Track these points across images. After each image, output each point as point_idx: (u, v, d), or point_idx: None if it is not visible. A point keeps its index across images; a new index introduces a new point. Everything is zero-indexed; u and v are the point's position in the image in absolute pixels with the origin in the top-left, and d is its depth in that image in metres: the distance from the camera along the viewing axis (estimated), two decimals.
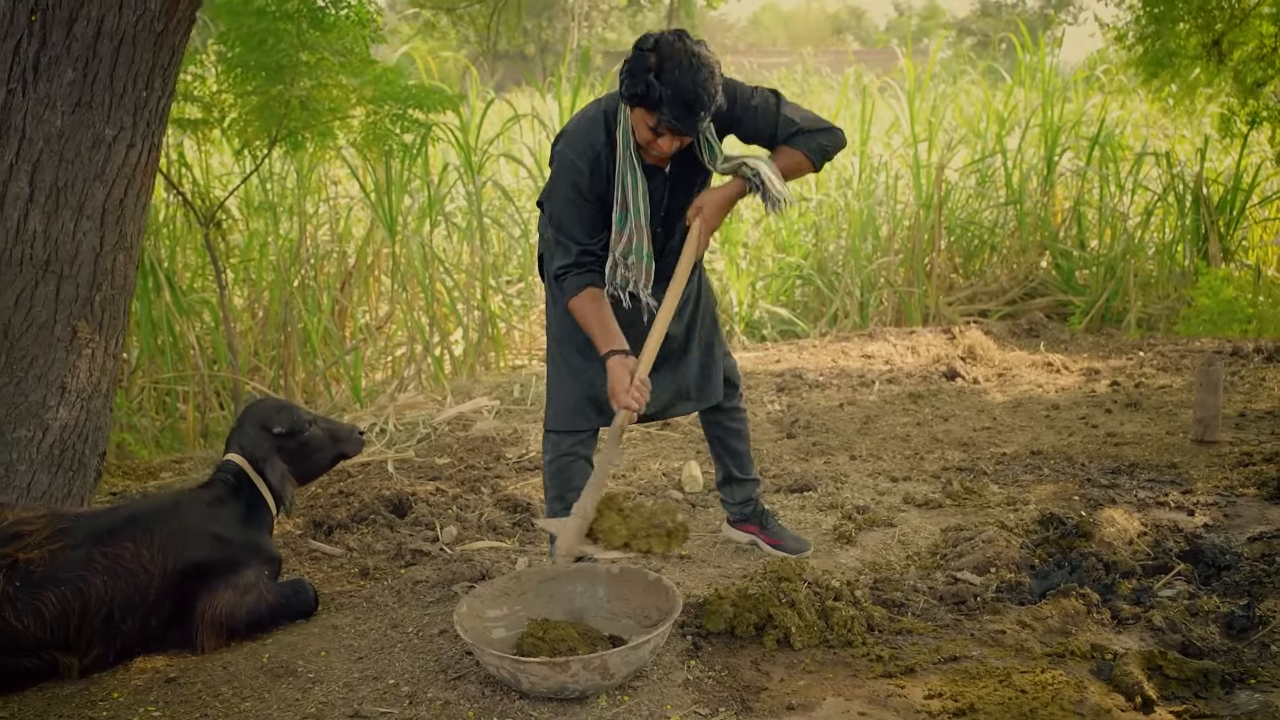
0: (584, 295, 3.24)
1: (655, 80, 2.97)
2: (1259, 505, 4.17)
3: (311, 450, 3.61)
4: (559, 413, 3.53)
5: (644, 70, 2.99)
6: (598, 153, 3.21)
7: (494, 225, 9.13)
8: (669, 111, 3.00)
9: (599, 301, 3.25)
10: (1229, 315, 8.49)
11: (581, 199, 3.23)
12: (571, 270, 3.26)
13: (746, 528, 3.94)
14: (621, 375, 3.15)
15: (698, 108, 3.00)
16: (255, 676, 3.06)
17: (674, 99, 2.98)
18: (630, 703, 2.87)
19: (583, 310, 3.25)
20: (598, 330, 3.23)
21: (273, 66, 6.30)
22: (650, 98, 3.00)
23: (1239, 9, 9.04)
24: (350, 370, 7.97)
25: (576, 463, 3.52)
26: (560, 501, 3.51)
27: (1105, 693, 2.83)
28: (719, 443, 3.83)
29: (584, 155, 3.20)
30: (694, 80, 2.97)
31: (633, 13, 32.96)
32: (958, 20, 46.04)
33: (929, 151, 10.51)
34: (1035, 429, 5.43)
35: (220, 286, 6.89)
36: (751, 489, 3.89)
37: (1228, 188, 10.03)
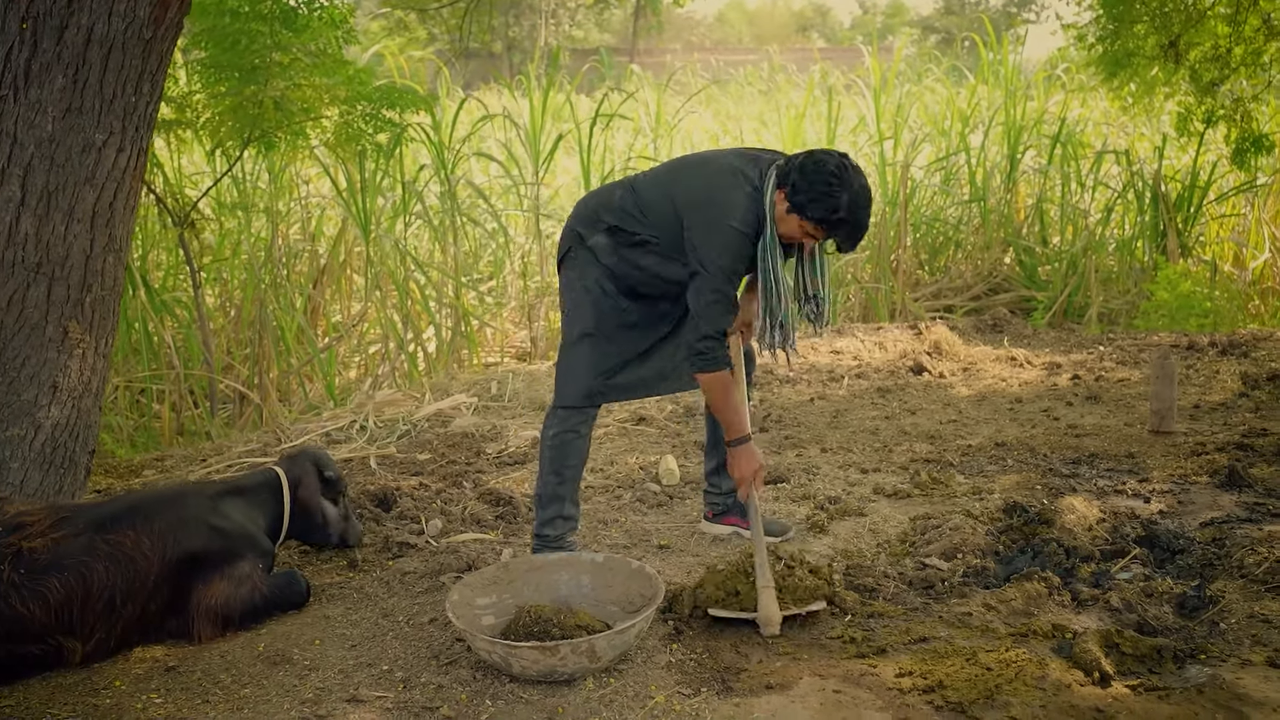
0: (727, 374, 3.55)
1: (848, 216, 3.34)
2: (1211, 492, 4.35)
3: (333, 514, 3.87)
4: (576, 390, 3.71)
5: (837, 203, 3.33)
6: (759, 226, 3.47)
7: (467, 223, 9.20)
8: (843, 239, 3.41)
9: (732, 385, 3.58)
10: (1186, 309, 8.72)
11: (744, 266, 3.54)
12: (721, 338, 3.52)
13: (728, 520, 4.09)
14: (752, 459, 3.58)
15: (862, 235, 3.45)
16: (253, 664, 3.17)
17: (853, 232, 3.39)
18: (616, 684, 3.00)
19: (723, 388, 3.55)
20: (733, 413, 3.58)
21: (246, 67, 6.36)
22: (837, 228, 3.38)
23: (1195, 10, 9.25)
24: (324, 368, 8.04)
25: (578, 440, 3.73)
26: (557, 475, 3.72)
27: (1066, 669, 2.99)
28: (715, 432, 3.99)
29: (751, 226, 3.46)
30: (868, 214, 3.39)
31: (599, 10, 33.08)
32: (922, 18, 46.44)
33: (894, 150, 10.68)
34: (999, 421, 5.60)
35: (195, 286, 6.95)
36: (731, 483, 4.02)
37: (1185, 185, 10.26)
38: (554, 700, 2.92)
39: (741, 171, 3.49)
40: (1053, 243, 10.70)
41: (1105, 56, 9.57)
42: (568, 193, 11.36)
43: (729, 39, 44.46)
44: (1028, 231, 10.75)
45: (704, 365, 3.50)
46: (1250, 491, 4.31)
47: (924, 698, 2.89)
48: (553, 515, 3.75)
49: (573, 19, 32.66)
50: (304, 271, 8.83)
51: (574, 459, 3.73)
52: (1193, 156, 10.35)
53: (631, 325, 3.70)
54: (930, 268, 10.80)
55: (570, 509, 3.78)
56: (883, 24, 47.98)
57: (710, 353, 3.49)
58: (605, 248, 3.66)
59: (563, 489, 3.73)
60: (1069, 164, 10.63)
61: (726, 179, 3.49)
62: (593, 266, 3.68)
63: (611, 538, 4.14)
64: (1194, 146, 10.31)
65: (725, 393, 3.54)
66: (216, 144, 6.89)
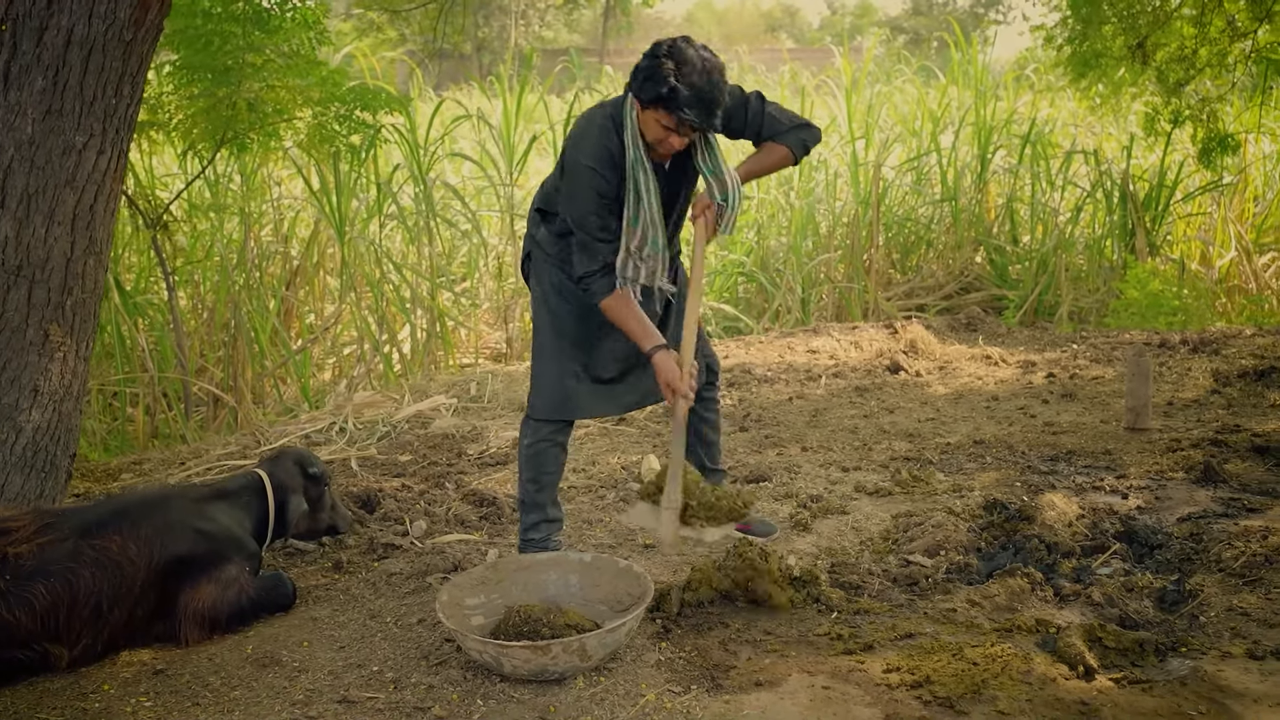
0: (617, 296, 3.45)
1: (677, 83, 3.17)
2: (1187, 488, 4.42)
3: (321, 506, 3.88)
4: (546, 402, 3.69)
5: (663, 74, 3.19)
6: (613, 155, 3.38)
7: (442, 224, 9.19)
8: (691, 111, 3.21)
9: (631, 301, 3.46)
10: (1156, 308, 8.83)
11: (605, 201, 3.40)
12: (599, 272, 3.44)
13: None
14: (671, 367, 3.39)
15: (715, 106, 3.23)
16: (242, 667, 3.16)
17: (695, 99, 3.19)
18: (607, 683, 3.02)
19: (619, 309, 3.45)
20: (637, 328, 3.45)
21: (219, 68, 6.33)
22: (673, 99, 3.19)
23: (1162, 11, 9.37)
24: (299, 370, 8.01)
25: (552, 449, 3.72)
26: (535, 484, 3.71)
27: (1050, 663, 3.04)
28: (694, 431, 3.93)
29: (603, 160, 3.37)
30: (710, 81, 3.20)
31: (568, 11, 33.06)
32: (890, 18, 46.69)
33: (866, 150, 10.76)
34: (977, 419, 5.66)
35: (168, 288, 6.91)
36: (720, 479, 4.04)
37: (1153, 184, 10.38)
38: (545, 699, 2.93)
39: (602, 105, 3.46)
40: (1023, 242, 10.80)
41: (1074, 57, 9.67)
42: None
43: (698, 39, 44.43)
44: (998, 231, 10.85)
45: (590, 298, 3.48)
46: (1225, 487, 4.38)
47: (912, 693, 2.92)
48: (536, 520, 3.76)
49: (542, 20, 32.65)
50: (276, 273, 8.79)
51: (551, 466, 3.73)
52: (1160, 156, 10.47)
53: (597, 326, 3.62)
54: (902, 267, 10.87)
55: (553, 511, 3.79)
56: (851, 24, 48.26)
57: (587, 290, 3.47)
58: (547, 239, 3.65)
59: (542, 495, 3.73)
60: (1039, 164, 10.74)
61: (585, 117, 3.47)
62: (546, 266, 3.65)
63: (596, 537, 4.16)
64: (1161, 146, 10.43)
65: (622, 313, 3.44)
66: (189, 145, 6.85)
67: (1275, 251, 11.04)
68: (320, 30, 6.76)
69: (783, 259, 9.93)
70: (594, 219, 3.41)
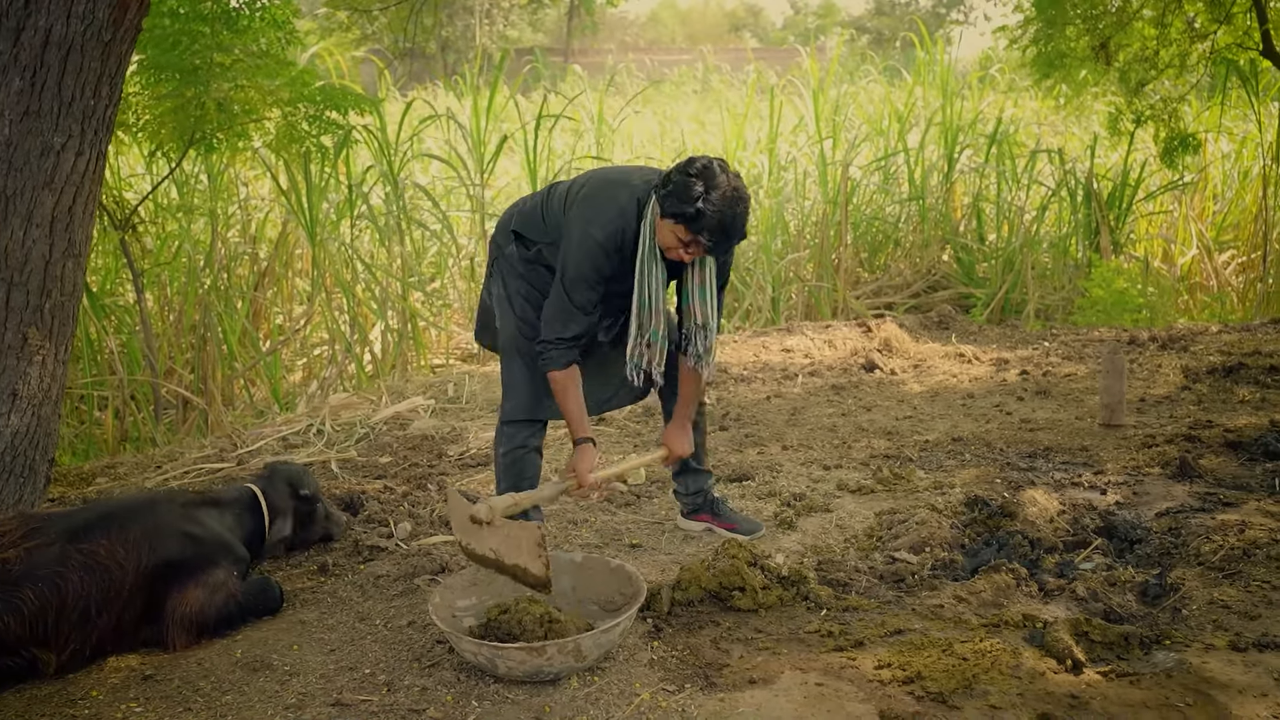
0: (569, 372, 3.49)
1: (702, 205, 3.21)
2: (1164, 483, 4.48)
3: (313, 520, 3.92)
4: (517, 405, 3.73)
5: (691, 194, 3.22)
6: (624, 240, 3.42)
7: (413, 224, 9.15)
8: (708, 236, 3.26)
9: (578, 382, 3.52)
10: (1121, 305, 8.95)
11: (600, 277, 3.44)
12: (566, 344, 3.46)
13: (700, 517, 4.13)
14: (589, 460, 3.47)
15: (733, 235, 3.29)
16: (232, 671, 3.14)
17: (716, 225, 3.24)
18: (601, 682, 3.02)
19: (564, 387, 3.50)
20: (575, 412, 3.51)
21: (187, 68, 6.26)
22: (695, 221, 3.24)
23: (1124, 12, 9.49)
24: (269, 372, 7.95)
25: (529, 455, 3.78)
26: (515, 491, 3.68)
27: (1039, 657, 3.07)
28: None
29: (613, 240, 3.41)
30: (734, 212, 3.25)
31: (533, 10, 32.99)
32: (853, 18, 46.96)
33: (834, 149, 10.82)
34: (954, 417, 5.71)
35: (137, 290, 6.85)
36: (704, 480, 4.08)
37: (1116, 183, 10.51)
38: (540, 700, 2.93)
39: (628, 184, 3.47)
40: (989, 240, 10.90)
41: (1039, 58, 9.78)
42: (508, 194, 11.35)
43: (662, 39, 44.63)
44: (965, 229, 10.95)
45: (545, 365, 3.50)
46: (1201, 482, 4.45)
47: (904, 688, 2.94)
48: None
49: (507, 19, 32.57)
50: (245, 275, 8.72)
51: (530, 472, 3.76)
52: (1123, 155, 10.61)
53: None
54: (870, 266, 10.95)
55: (534, 515, 3.81)
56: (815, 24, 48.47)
57: (546, 354, 3.48)
58: (515, 258, 3.67)
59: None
60: (1004, 163, 10.84)
61: (608, 189, 3.48)
62: (513, 277, 3.68)
63: (583, 537, 4.16)
64: (1124, 146, 10.57)
65: (563, 394, 3.50)
66: (156, 146, 6.78)
67: (1234, 249, 11.23)
68: (289, 30, 6.71)
69: (752, 258, 9.97)
70: (585, 291, 3.44)
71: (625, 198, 3.44)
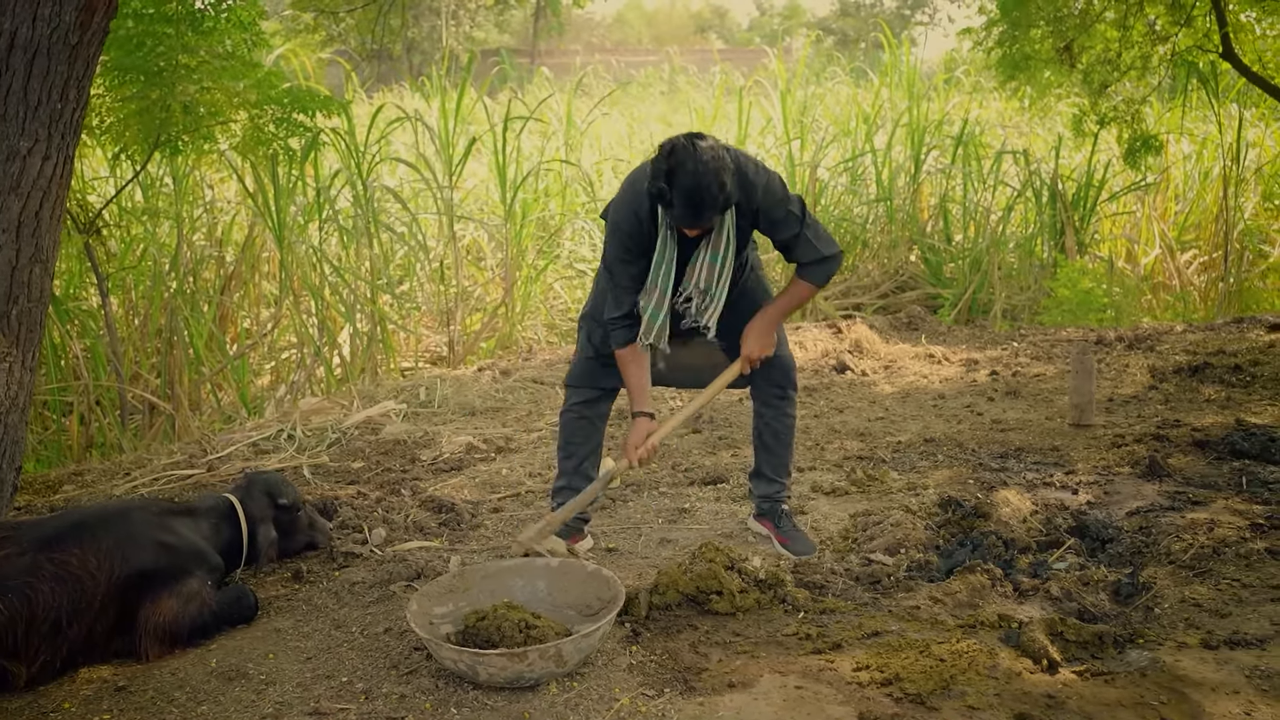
0: (630, 350, 3.69)
1: (666, 185, 3.32)
2: (1134, 483, 4.53)
3: (294, 529, 3.90)
4: (574, 371, 4.00)
5: (659, 174, 3.34)
6: (641, 219, 3.56)
7: (382, 227, 9.09)
8: (677, 211, 3.37)
9: (640, 359, 3.71)
10: (1086, 305, 9.04)
11: (630, 257, 3.60)
12: (622, 322, 3.68)
13: (764, 523, 4.12)
14: (641, 432, 3.66)
15: (701, 208, 3.34)
16: (207, 681, 3.11)
17: (682, 201, 3.33)
18: (580, 688, 3.01)
19: (625, 363, 3.71)
20: (634, 388, 3.72)
21: (152, 70, 6.19)
22: (663, 199, 3.36)
23: (1087, 14, 9.59)
24: (237, 376, 7.89)
25: (581, 420, 3.97)
26: (563, 451, 4.00)
27: (1015, 657, 3.10)
28: (758, 435, 4.07)
29: (629, 220, 3.57)
30: (699, 184, 3.30)
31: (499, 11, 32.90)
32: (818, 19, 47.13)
33: (801, 150, 10.86)
34: (925, 418, 5.74)
35: (102, 295, 6.77)
36: (774, 488, 4.08)
37: (1080, 184, 10.62)
38: (519, 706, 2.92)
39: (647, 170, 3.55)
40: (956, 241, 10.97)
41: (1004, 59, 9.85)
42: (475, 196, 11.32)
43: (629, 40, 44.61)
44: (932, 230, 11.02)
45: (609, 345, 3.73)
46: (1170, 481, 4.50)
47: (883, 690, 2.96)
48: (561, 486, 3.99)
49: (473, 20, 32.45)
50: (210, 278, 8.64)
51: (578, 438, 3.96)
52: (1088, 156, 10.72)
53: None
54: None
55: (580, 482, 3.93)
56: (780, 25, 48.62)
57: (610, 335, 3.70)
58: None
59: (569, 463, 3.97)
60: (971, 164, 10.92)
61: (635, 177, 3.62)
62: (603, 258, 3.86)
63: None
64: (1088, 146, 10.67)
65: (624, 369, 3.71)
66: (121, 149, 6.71)
67: (1196, 249, 11.37)
68: (255, 32, 6.65)
69: None
70: (620, 267, 3.63)
71: (640, 184, 3.55)
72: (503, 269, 9.57)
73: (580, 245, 10.27)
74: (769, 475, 4.07)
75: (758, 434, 4.07)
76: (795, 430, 4.11)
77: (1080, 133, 10.32)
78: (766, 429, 4.02)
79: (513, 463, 5.12)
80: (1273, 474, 4.47)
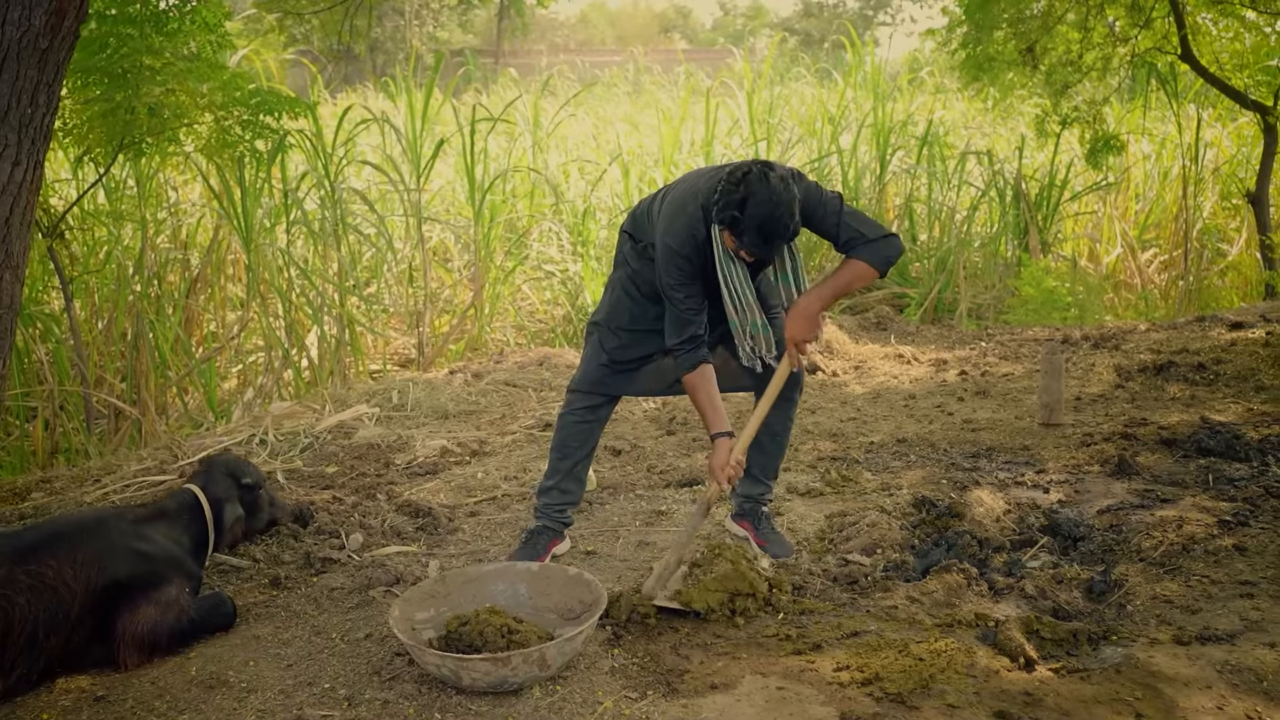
0: (701, 371, 3.63)
1: (739, 214, 3.32)
2: (1104, 481, 4.59)
3: (258, 508, 3.85)
4: (580, 376, 3.96)
5: (732, 202, 3.33)
6: (698, 243, 3.54)
7: (350, 230, 9.05)
8: (748, 240, 3.36)
9: (711, 381, 3.65)
10: (1050, 304, 9.14)
11: (688, 279, 3.57)
12: (688, 344, 3.62)
13: (743, 523, 4.14)
14: (724, 453, 3.60)
15: (775, 239, 3.37)
16: (187, 689, 3.09)
17: (755, 231, 3.34)
18: (564, 691, 3.03)
19: (698, 386, 3.64)
20: (709, 410, 3.65)
21: (116, 72, 6.14)
22: (736, 227, 3.35)
23: (1049, 16, 9.71)
24: (204, 380, 7.82)
25: (583, 424, 3.95)
26: (558, 451, 3.98)
27: (992, 656, 3.14)
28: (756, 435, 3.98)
29: (685, 245, 3.54)
30: (774, 215, 3.31)
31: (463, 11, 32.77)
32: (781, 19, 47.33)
33: (768, 151, 10.91)
34: (897, 418, 5.79)
35: (67, 299, 6.71)
36: (759, 490, 4.09)
37: (1044, 184, 10.74)
38: (503, 710, 2.93)
39: (698, 192, 3.56)
40: (921, 240, 11.06)
41: (968, 61, 9.96)
42: (442, 197, 11.29)
43: (593, 40, 44.57)
44: (898, 230, 11.09)
45: (680, 370, 3.67)
46: (1139, 479, 4.56)
47: (863, 690, 2.99)
48: (550, 486, 3.99)
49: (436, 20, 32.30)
50: (175, 281, 8.57)
51: (575, 441, 3.94)
52: (1050, 156, 10.84)
53: (647, 329, 3.82)
54: (805, 266, 11.02)
55: (569, 484, 3.96)
56: (743, 25, 48.75)
57: (678, 359, 3.65)
58: (630, 253, 3.84)
59: (563, 464, 3.95)
60: (935, 164, 11.02)
61: (682, 199, 3.59)
62: (623, 266, 3.87)
63: None
64: (1051, 146, 10.80)
65: (696, 391, 3.64)
66: (84, 151, 6.64)
67: (1157, 248, 11.53)
68: (221, 33, 6.60)
69: None
70: (678, 293, 3.58)
71: (694, 206, 3.54)
72: (470, 271, 9.55)
73: (548, 246, 10.27)
74: (757, 475, 4.08)
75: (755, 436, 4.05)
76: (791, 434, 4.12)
77: (1043, 133, 10.44)
78: (765, 430, 3.95)
79: (488, 466, 5.12)
80: (1238, 471, 4.55)
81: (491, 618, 3.15)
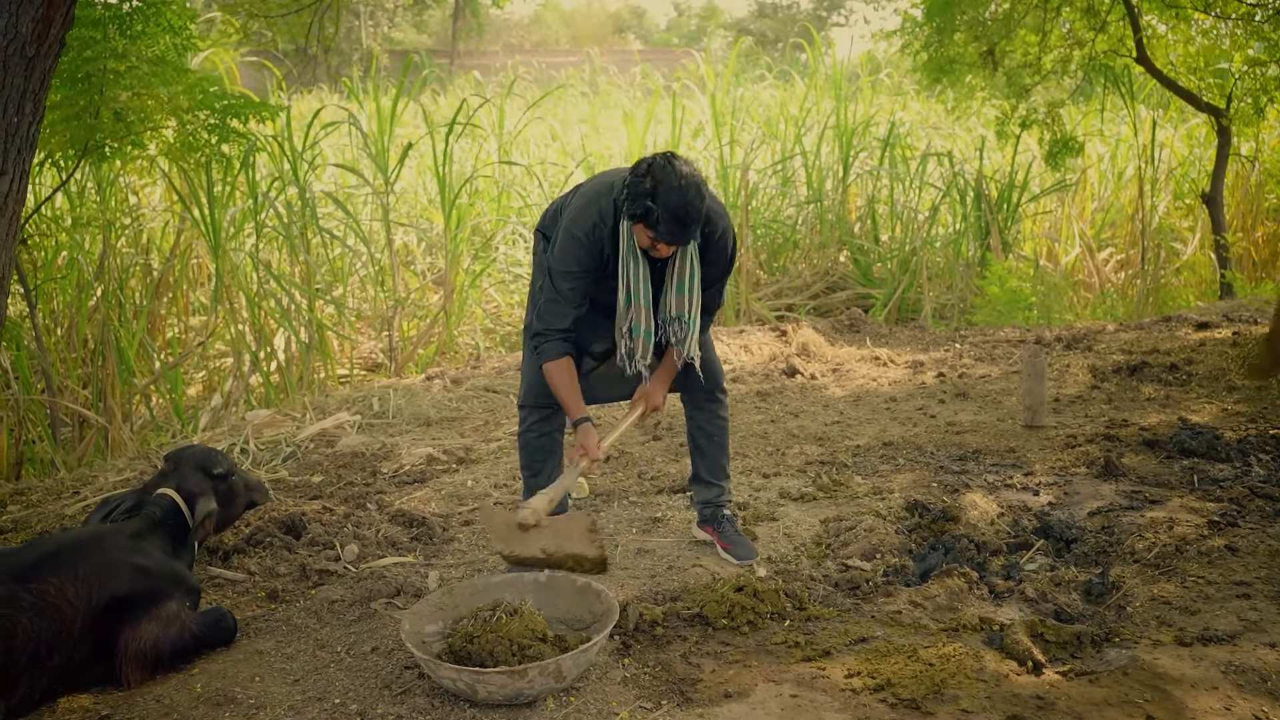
0: (561, 363, 3.66)
1: (651, 203, 3.34)
2: (1092, 482, 4.65)
3: (234, 495, 3.85)
4: (526, 390, 3.95)
5: (641, 194, 3.36)
6: (600, 236, 3.57)
7: (317, 232, 8.95)
8: (664, 229, 3.38)
9: (571, 372, 3.68)
10: (1014, 304, 9.26)
11: (579, 270, 3.60)
12: (556, 335, 3.65)
13: (707, 529, 4.14)
14: (593, 436, 3.65)
15: (689, 222, 3.40)
16: (194, 707, 3.05)
17: (669, 217, 3.36)
18: (578, 703, 3.02)
19: (557, 376, 3.67)
20: (569, 398, 3.68)
21: (79, 76, 6.04)
22: (649, 218, 3.37)
23: (1010, 19, 9.82)
24: (170, 386, 7.70)
25: (541, 439, 3.96)
26: (528, 470, 4.00)
27: (1000, 660, 3.18)
28: (692, 439, 4.09)
29: (590, 237, 3.58)
30: (684, 199, 3.35)
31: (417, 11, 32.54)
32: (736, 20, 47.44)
33: (732, 153, 10.94)
34: (880, 421, 5.82)
35: (30, 306, 6.58)
36: (714, 493, 4.10)
37: (1004, 185, 10.87)
38: None
39: (610, 186, 3.61)
40: (883, 241, 11.15)
41: (929, 63, 10.05)
42: (404, 200, 11.21)
43: (548, 40, 44.40)
44: (861, 231, 11.18)
45: (541, 357, 3.69)
46: (1126, 480, 4.63)
47: (876, 696, 3.01)
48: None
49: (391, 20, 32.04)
50: (137, 286, 8.43)
51: (540, 456, 3.97)
52: (1010, 157, 10.97)
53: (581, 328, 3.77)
54: (769, 268, 11.09)
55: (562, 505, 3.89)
56: (698, 26, 48.85)
57: (540, 347, 3.68)
58: (542, 254, 3.83)
59: (536, 480, 3.93)
60: (897, 165, 11.11)
61: (594, 194, 3.64)
62: (538, 271, 3.85)
63: None
64: (1011, 148, 10.92)
65: (556, 381, 3.67)
66: (46, 155, 6.52)
67: (1113, 247, 11.72)
68: (186, 36, 6.51)
69: None
70: (565, 283, 3.62)
71: (605, 201, 3.58)
72: (438, 274, 9.48)
73: (514, 249, 10.23)
74: (706, 478, 4.10)
75: (691, 438, 4.11)
76: (729, 432, 4.14)
77: (1003, 135, 10.56)
78: (700, 432, 4.06)
79: (476, 474, 5.09)
80: (1222, 472, 4.63)
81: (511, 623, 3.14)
